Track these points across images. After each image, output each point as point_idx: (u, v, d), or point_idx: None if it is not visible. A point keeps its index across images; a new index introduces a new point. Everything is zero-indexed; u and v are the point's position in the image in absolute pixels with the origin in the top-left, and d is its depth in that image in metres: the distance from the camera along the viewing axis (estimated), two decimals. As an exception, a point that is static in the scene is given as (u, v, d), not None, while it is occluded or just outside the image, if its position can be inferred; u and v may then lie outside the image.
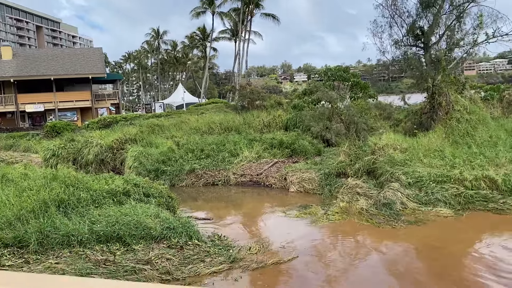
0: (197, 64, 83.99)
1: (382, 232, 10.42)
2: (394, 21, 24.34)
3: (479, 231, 10.26)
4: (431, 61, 20.52)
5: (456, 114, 15.97)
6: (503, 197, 11.83)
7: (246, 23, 49.07)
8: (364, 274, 8.29)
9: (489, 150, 14.01)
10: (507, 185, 12.11)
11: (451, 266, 8.36)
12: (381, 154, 14.72)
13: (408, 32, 23.55)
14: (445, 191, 12.35)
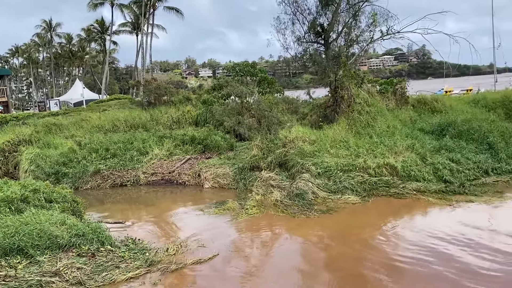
0: (95, 58, 79.03)
1: (297, 222, 10.72)
2: (296, 18, 25.09)
3: (383, 216, 11.00)
4: (332, 57, 21.58)
5: (357, 106, 16.99)
6: (402, 182, 12.89)
7: (148, 16, 47.24)
8: (281, 265, 8.44)
9: (388, 139, 15.15)
10: (405, 171, 13.21)
11: (361, 250, 8.85)
12: (291, 146, 15.15)
13: (309, 29, 24.47)
14: (351, 179, 13.11)
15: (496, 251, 8.20)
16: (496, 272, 7.35)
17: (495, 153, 14.50)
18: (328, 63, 21.56)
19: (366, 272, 7.86)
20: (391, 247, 8.86)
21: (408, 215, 11.00)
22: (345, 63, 18.24)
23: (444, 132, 16.78)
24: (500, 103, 21.40)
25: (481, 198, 11.61)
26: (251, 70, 26.99)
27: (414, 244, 8.87)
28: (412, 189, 12.56)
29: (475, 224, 9.82)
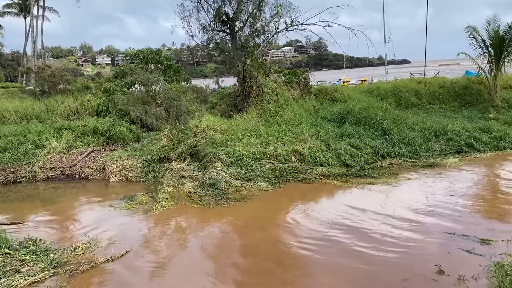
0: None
1: (212, 212, 10.72)
2: (201, 6, 24.81)
3: (293, 200, 11.47)
4: (240, 46, 21.79)
5: (266, 96, 17.43)
6: (309, 168, 13.55)
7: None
8: (195, 255, 8.41)
9: (295, 127, 15.81)
10: (312, 157, 13.91)
11: (275, 235, 9.17)
12: (202, 136, 15.05)
13: (214, 18, 24.37)
14: (263, 167, 13.45)
15: (394, 228, 9.07)
16: (395, 253, 8.11)
17: (389, 138, 15.89)
18: (235, 52, 21.72)
19: (281, 256, 8.15)
20: (301, 230, 9.29)
21: (316, 199, 11.59)
22: (253, 52, 18.54)
23: (344, 120, 17.99)
24: (391, 92, 23.51)
25: (379, 180, 12.69)
26: (155, 57, 26.15)
27: (322, 224, 9.43)
28: (319, 173, 13.26)
29: (376, 203, 10.75)
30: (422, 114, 20.86)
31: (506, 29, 21.50)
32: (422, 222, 9.31)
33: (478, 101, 22.58)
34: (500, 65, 22.05)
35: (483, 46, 22.35)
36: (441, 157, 14.62)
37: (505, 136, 16.12)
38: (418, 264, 7.43)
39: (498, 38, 21.61)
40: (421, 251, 7.93)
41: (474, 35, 22.40)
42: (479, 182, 12.44)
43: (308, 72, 22.67)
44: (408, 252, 7.93)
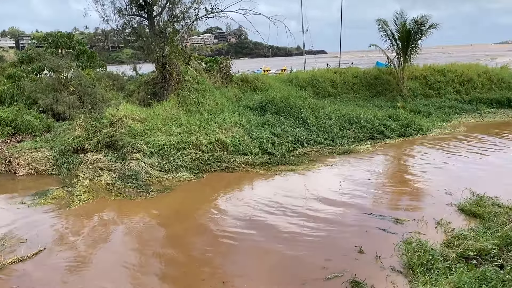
0: None
1: (134, 204, 10.34)
2: (116, -12, 23.54)
3: (217, 190, 11.43)
4: (158, 32, 21.04)
5: (186, 84, 17.07)
6: (232, 157, 13.57)
7: None
8: (116, 249, 8.07)
9: (218, 116, 15.70)
10: (235, 146, 13.94)
11: (199, 226, 9.08)
12: (120, 125, 14.38)
13: (131, 1, 23.26)
14: (185, 157, 13.21)
15: (316, 212, 9.43)
16: (318, 237, 8.44)
17: (308, 127, 16.42)
18: (153, 38, 20.95)
19: (205, 246, 8.09)
20: (225, 219, 9.30)
21: (240, 187, 11.65)
22: (172, 39, 18.01)
23: (265, 109, 18.25)
24: (309, 82, 24.26)
25: (300, 166, 13.09)
26: (67, 41, 24.34)
27: (246, 212, 9.53)
28: (241, 162, 13.35)
29: (297, 189, 11.14)
30: (338, 103, 21.83)
31: (412, 23, 23.15)
32: (341, 205, 9.80)
33: (388, 91, 24.14)
34: (407, 57, 23.73)
35: (392, 38, 23.88)
36: (355, 144, 15.44)
37: (411, 124, 17.44)
38: (340, 244, 7.83)
39: (405, 31, 23.20)
40: (342, 232, 8.36)
41: (384, 28, 23.83)
42: (390, 166, 13.36)
43: (230, 60, 22.58)
44: (330, 234, 8.31)
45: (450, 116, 20.29)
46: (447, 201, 9.71)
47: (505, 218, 8.25)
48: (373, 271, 6.79)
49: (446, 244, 7.36)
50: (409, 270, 6.66)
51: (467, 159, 13.44)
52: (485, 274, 5.57)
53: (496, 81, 24.25)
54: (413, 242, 7.54)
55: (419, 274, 6.40)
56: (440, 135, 16.96)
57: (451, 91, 24.05)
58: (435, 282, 5.94)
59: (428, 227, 8.35)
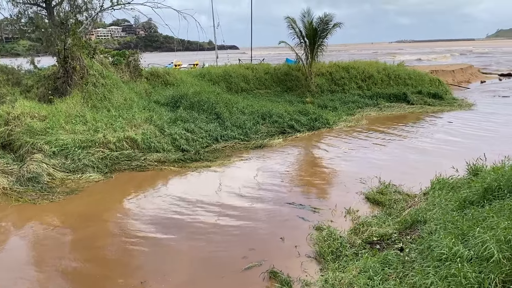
0: None
1: (38, 209, 9.53)
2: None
3: (127, 190, 10.92)
4: (59, 23, 19.51)
5: (91, 78, 16.03)
6: (143, 155, 13.07)
7: None
8: (18, 260, 7.36)
9: (126, 112, 14.98)
10: (146, 143, 13.43)
11: (109, 228, 8.61)
12: (17, 124, 13.09)
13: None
14: (91, 156, 12.44)
15: (234, 206, 9.44)
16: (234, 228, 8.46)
17: (222, 122, 16.39)
18: (53, 29, 19.41)
19: (117, 249, 7.69)
20: (137, 220, 8.94)
21: (152, 186, 11.25)
22: (75, 31, 16.80)
23: (178, 104, 17.85)
24: (222, 77, 24.22)
25: (215, 162, 13.01)
26: (-51, 30, 21.51)
27: (160, 211, 9.24)
28: (154, 160, 12.92)
29: (214, 184, 11.13)
30: (251, 98, 22.09)
31: (318, 22, 24.14)
32: (258, 198, 9.97)
33: (297, 87, 24.98)
34: (314, 54, 24.73)
35: (300, 36, 24.69)
36: (268, 138, 15.75)
37: (319, 118, 18.24)
38: (260, 236, 7.98)
39: (312, 29, 24.12)
40: (260, 224, 8.54)
41: (292, 25, 24.54)
42: (302, 158, 13.90)
43: (138, 53, 21.65)
44: (249, 226, 8.45)
45: (353, 110, 21.62)
46: (356, 189, 10.33)
47: (404, 204, 8.96)
48: (290, 259, 7.00)
49: (353, 231, 7.79)
50: (321, 258, 6.93)
51: (370, 149, 14.40)
52: (387, 257, 5.97)
53: (393, 77, 26.27)
54: (324, 230, 7.87)
55: (329, 262, 6.69)
56: (345, 128, 17.98)
57: (354, 87, 25.59)
58: (343, 269, 6.24)
59: (338, 216, 8.80)
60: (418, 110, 22.18)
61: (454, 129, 17.31)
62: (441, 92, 25.04)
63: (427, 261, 5.13)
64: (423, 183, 9.78)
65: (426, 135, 16.29)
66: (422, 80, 26.43)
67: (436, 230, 6.12)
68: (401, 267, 5.56)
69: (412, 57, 73.03)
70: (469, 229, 5.23)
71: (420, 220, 7.25)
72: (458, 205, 6.86)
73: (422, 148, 14.29)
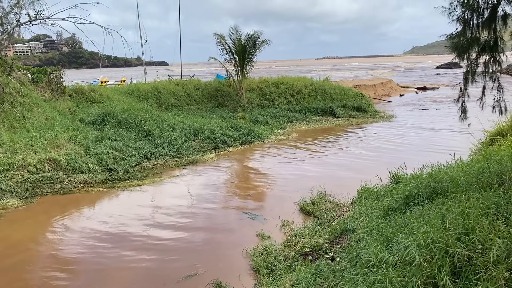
0: None
1: None
2: None
3: (51, 215, 10.22)
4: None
5: (8, 97, 14.95)
6: (68, 176, 12.35)
7: None
8: None
9: (48, 132, 14.09)
10: (70, 164, 12.71)
11: (26, 262, 7.97)
12: None
13: None
14: (9, 180, 11.52)
15: (167, 224, 9.18)
16: (175, 242, 8.21)
17: (152, 139, 15.98)
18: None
19: (41, 282, 7.13)
20: (63, 247, 8.38)
21: (78, 209, 10.64)
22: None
23: (104, 122, 17.19)
24: (151, 93, 23.78)
25: (145, 181, 12.62)
26: None
27: (89, 235, 8.74)
28: (79, 181, 12.24)
29: (146, 202, 10.91)
30: (182, 114, 21.86)
31: (247, 39, 24.61)
32: (193, 213, 9.79)
33: (229, 102, 25.16)
34: (244, 70, 25.13)
35: (230, 52, 25.00)
36: (200, 154, 15.61)
37: (251, 132, 18.46)
38: (199, 249, 7.73)
39: (241, 46, 24.53)
40: (198, 238, 8.34)
41: (222, 42, 24.80)
42: (235, 172, 13.91)
43: (61, 70, 20.59)
44: (188, 240, 8.22)
45: (284, 124, 22.16)
46: (290, 201, 10.49)
47: (334, 214, 9.26)
48: (229, 274, 6.95)
49: (287, 244, 7.89)
50: (256, 273, 6.93)
51: (301, 161, 14.80)
52: (319, 268, 6.10)
53: (320, 92, 27.37)
54: (258, 245, 7.89)
55: (264, 276, 6.70)
56: (277, 141, 18.35)
57: (284, 102, 26.30)
58: (277, 282, 6.27)
59: (273, 228, 8.87)
60: (344, 123, 23.24)
61: (378, 139, 18.32)
62: (364, 105, 26.48)
63: (356, 269, 5.31)
64: (350, 193, 10.20)
65: (353, 145, 17.10)
66: (347, 94, 27.79)
67: (363, 237, 6.38)
68: (332, 277, 5.69)
69: (344, 74, 76.52)
70: (393, 235, 5.49)
71: (348, 229, 7.54)
72: (382, 212, 7.22)
73: (349, 158, 14.95)
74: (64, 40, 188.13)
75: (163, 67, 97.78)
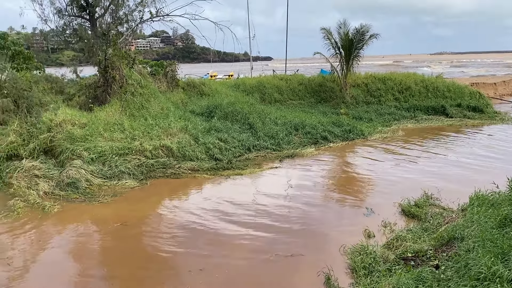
0: None
1: (91, 208, 10.01)
2: (56, -13, 22.56)
3: (162, 196, 11.17)
4: (101, 34, 20.32)
5: (130, 88, 16.55)
6: (178, 163, 13.32)
7: None
8: (56, 259, 7.65)
9: (163, 121, 15.34)
10: (180, 151, 13.69)
11: (146, 231, 8.81)
12: (58, 130, 13.67)
13: (71, 2, 22.37)
14: (128, 163, 12.79)
15: (268, 212, 9.46)
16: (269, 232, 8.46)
17: (254, 132, 16.49)
18: (96, 40, 20.22)
19: (154, 250, 7.86)
20: (174, 223, 9.18)
21: (184, 193, 11.44)
22: (115, 41, 17.44)
23: (212, 114, 18.12)
24: (256, 88, 24.43)
25: (246, 170, 13.10)
26: (1, 42, 22.79)
27: (197, 214, 9.40)
28: (188, 168, 13.13)
29: (247, 191, 11.37)
30: (284, 109, 22.15)
31: (354, 33, 23.99)
32: (290, 206, 9.89)
33: (332, 98, 24.82)
34: (350, 65, 24.55)
35: (336, 47, 24.60)
36: (300, 148, 15.70)
37: (353, 129, 18.04)
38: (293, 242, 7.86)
39: (348, 40, 23.99)
40: (295, 230, 8.43)
41: (328, 36, 24.50)
42: (335, 167, 13.78)
43: (176, 64, 22.20)
44: (286, 229, 8.35)
45: (390, 122, 21.23)
46: (391, 201, 10.09)
47: (441, 219, 8.68)
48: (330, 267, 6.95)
49: (387, 246, 7.61)
50: (353, 272, 6.81)
51: (406, 160, 14.05)
52: (422, 274, 5.79)
53: (431, 89, 25.64)
54: (357, 244, 7.73)
55: (361, 277, 6.56)
56: (381, 138, 17.68)
57: (391, 99, 25.16)
58: (376, 285, 6.09)
59: (373, 228, 8.60)
60: (457, 123, 21.48)
61: (495, 143, 16.66)
62: (482, 105, 24.17)
63: (464, 280, 4.95)
64: (461, 198, 9.46)
65: (466, 149, 15.75)
66: (462, 93, 25.63)
67: (474, 248, 5.90)
68: (436, 285, 5.38)
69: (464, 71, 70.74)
70: (509, 248, 5.01)
71: (457, 237, 7.00)
72: (498, 222, 6.58)
73: (461, 162, 13.82)
74: (179, 36, 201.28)
75: (268, 62, 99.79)
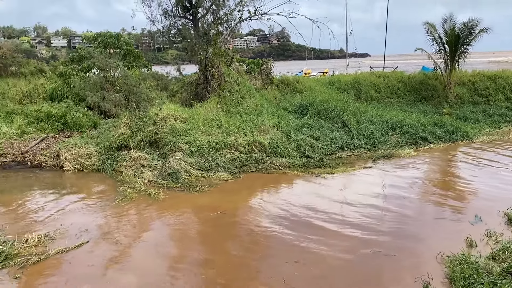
0: None
1: (174, 201, 10.61)
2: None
3: (255, 189, 11.53)
4: (202, 34, 21.46)
5: (227, 85, 17.26)
6: (270, 159, 13.60)
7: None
8: (156, 242, 8.29)
9: (257, 117, 15.77)
10: (272, 147, 13.95)
11: (242, 221, 9.18)
12: (162, 124, 14.74)
13: (177, 3, 23.89)
14: (223, 157, 13.37)
15: (360, 212, 9.31)
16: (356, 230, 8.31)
17: (348, 131, 16.19)
18: (198, 39, 21.37)
19: (252, 238, 8.17)
20: (265, 214, 9.47)
21: (274, 188, 11.66)
22: (216, 40, 18.28)
23: (305, 111, 18.14)
24: (351, 85, 23.91)
25: (337, 169, 12.93)
26: (115, 41, 25.25)
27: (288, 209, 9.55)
28: (279, 164, 13.34)
29: (338, 189, 11.29)
30: (381, 107, 21.40)
31: (462, 27, 22.31)
32: (385, 208, 9.60)
33: (433, 96, 23.39)
34: (455, 62, 22.90)
35: (440, 43, 23.11)
36: (396, 149, 15.06)
37: (457, 131, 16.81)
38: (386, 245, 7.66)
39: (453, 35, 22.39)
40: (385, 232, 8.20)
41: (431, 31, 23.10)
42: (434, 170, 13.05)
43: (271, 62, 22.62)
44: (377, 231, 8.16)
45: (499, 124, 19.32)
46: (496, 209, 9.29)
47: (557, 233, 7.78)
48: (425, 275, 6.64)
49: (492, 257, 7.02)
50: (451, 282, 6.42)
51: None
52: (532, 292, 5.27)
53: (554, 88, 22.91)
54: (458, 253, 7.25)
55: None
56: (488, 141, 16.26)
57: (502, 99, 22.98)
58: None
59: (475, 236, 8.00)
60: None
61: None
62: None
63: None
64: None
65: None
66: None
67: None
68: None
69: None
70: None
71: None
72: None
73: None
74: (274, 34, 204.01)
75: (365, 59, 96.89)
